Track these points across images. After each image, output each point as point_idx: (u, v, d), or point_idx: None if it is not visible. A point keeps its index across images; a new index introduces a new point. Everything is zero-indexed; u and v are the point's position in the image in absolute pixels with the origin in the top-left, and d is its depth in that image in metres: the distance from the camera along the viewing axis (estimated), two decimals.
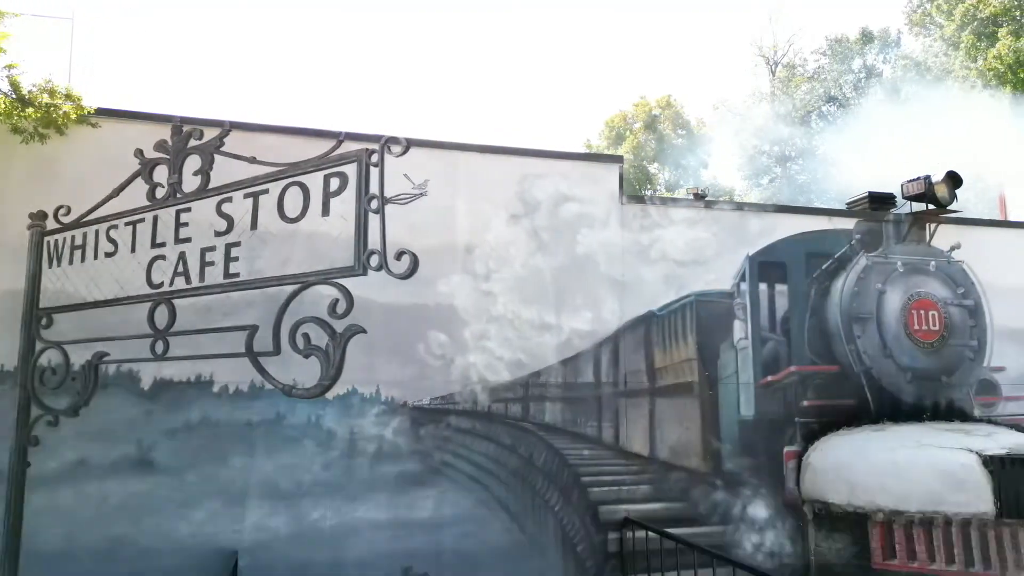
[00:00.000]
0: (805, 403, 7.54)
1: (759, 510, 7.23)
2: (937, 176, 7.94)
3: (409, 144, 6.78)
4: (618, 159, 7.42)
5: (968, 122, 12.54)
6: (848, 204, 8.71)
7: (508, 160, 7.09)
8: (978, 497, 6.52)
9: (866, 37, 36.16)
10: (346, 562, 6.15)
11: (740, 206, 7.83)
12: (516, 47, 50.64)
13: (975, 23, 25.41)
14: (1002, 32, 24.03)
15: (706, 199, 7.62)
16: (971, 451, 6.69)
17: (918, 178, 8.01)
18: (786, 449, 7.38)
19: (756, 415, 7.39)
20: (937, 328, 7.98)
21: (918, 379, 7.87)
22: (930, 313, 7.99)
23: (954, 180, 7.96)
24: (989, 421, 8.06)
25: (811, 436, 7.46)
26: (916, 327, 7.91)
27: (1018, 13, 24.28)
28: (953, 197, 7.97)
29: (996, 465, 6.53)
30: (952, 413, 7.96)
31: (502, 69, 49.44)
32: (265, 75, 46.02)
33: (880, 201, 8.39)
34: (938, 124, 12.90)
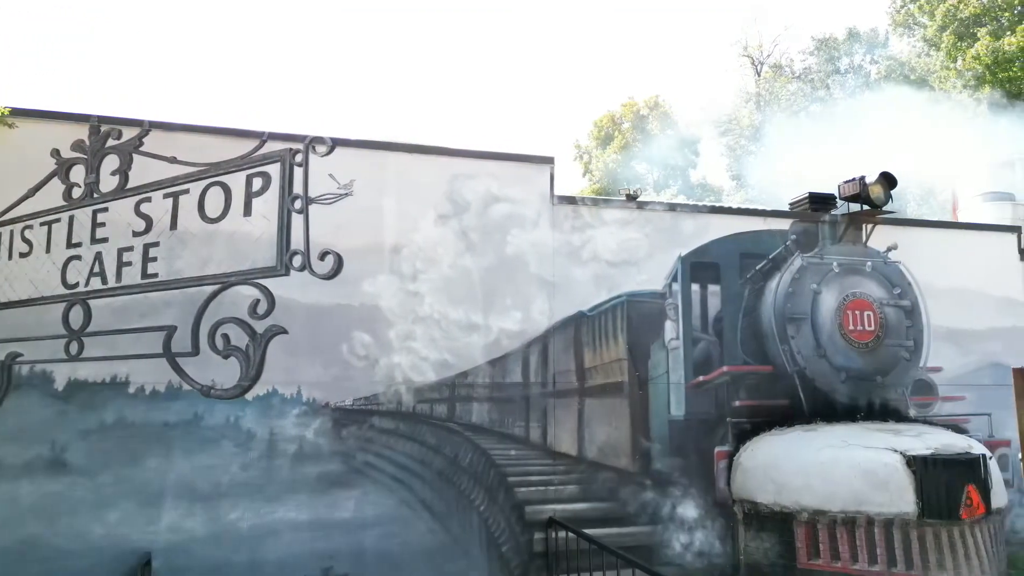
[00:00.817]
0: (737, 403, 7.56)
1: (689, 510, 7.25)
2: (872, 177, 7.97)
3: (335, 144, 6.77)
4: (549, 160, 7.41)
5: (931, 124, 12.60)
6: (791, 204, 8.74)
7: (437, 160, 7.08)
8: (900, 497, 6.56)
9: (853, 37, 36.33)
10: (265, 563, 6.13)
11: (673, 207, 7.84)
12: (507, 48, 50.62)
13: (956, 23, 25.53)
14: (981, 32, 24.15)
15: (638, 200, 7.62)
16: (895, 451, 6.72)
17: (853, 179, 8.04)
18: (717, 449, 7.40)
19: (687, 415, 7.40)
20: (872, 328, 8.01)
21: (852, 379, 7.90)
22: (865, 313, 8.03)
23: (888, 181, 7.99)
24: (925, 421, 8.11)
25: (743, 436, 7.48)
26: (851, 327, 7.94)
27: (998, 13, 24.39)
28: (888, 198, 8.00)
29: (919, 465, 6.56)
30: (887, 413, 8.00)
31: (492, 71, 49.41)
32: (227, 76, 45.85)
33: (821, 202, 8.41)
34: (901, 125, 12.98)
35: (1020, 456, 7.00)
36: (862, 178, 7.98)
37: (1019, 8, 23.89)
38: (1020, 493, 8.32)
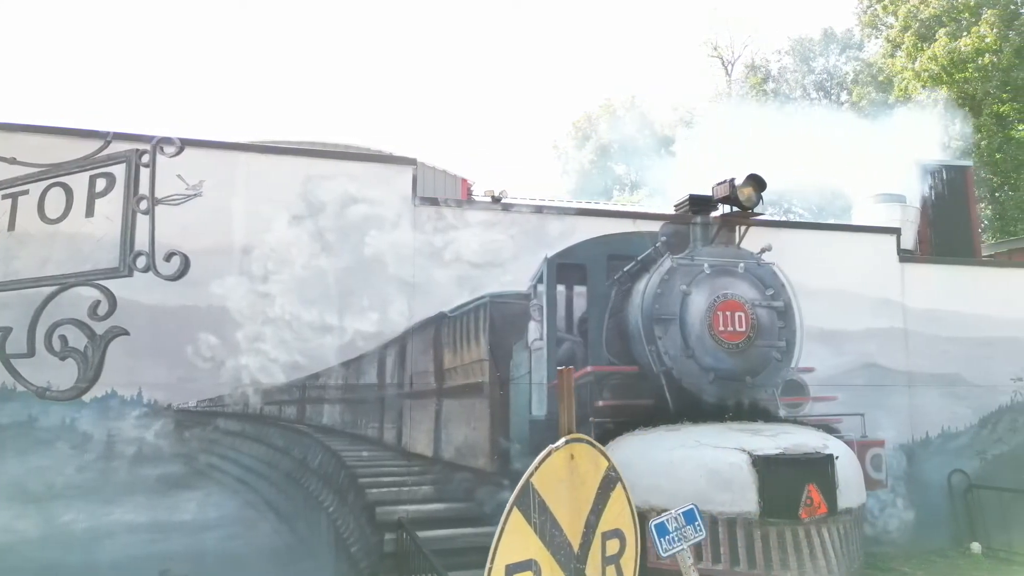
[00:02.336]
0: (601, 403, 7.61)
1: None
2: (742, 179, 8.04)
3: (184, 144, 6.75)
4: (411, 161, 7.43)
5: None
6: (675, 206, 8.79)
7: (292, 161, 7.08)
8: (743, 496, 6.61)
9: (828, 38, 36.58)
10: (100, 564, 6.11)
11: (540, 208, 7.87)
12: (488, 50, 50.61)
13: (917, 24, 25.75)
14: (940, 33, 24.37)
15: (503, 201, 7.65)
16: (743, 451, 6.78)
17: (724, 181, 8.10)
18: None
19: (548, 415, 7.43)
20: (743, 329, 8.06)
21: (721, 380, 7.96)
22: (736, 314, 8.08)
23: (758, 183, 8.05)
24: (795, 421, 8.19)
25: (606, 436, 7.51)
26: (721, 328, 8.00)
27: (958, 14, 24.57)
28: (758, 199, 8.06)
29: (761, 465, 6.62)
30: (756, 413, 8.07)
31: (473, 72, 49.35)
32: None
33: (701, 203, 8.47)
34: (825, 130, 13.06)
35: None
36: (732, 180, 8.04)
37: (979, 10, 24.05)
38: (893, 493, 8.42)
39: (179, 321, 6.55)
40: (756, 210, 8.15)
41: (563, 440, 3.02)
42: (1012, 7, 23.70)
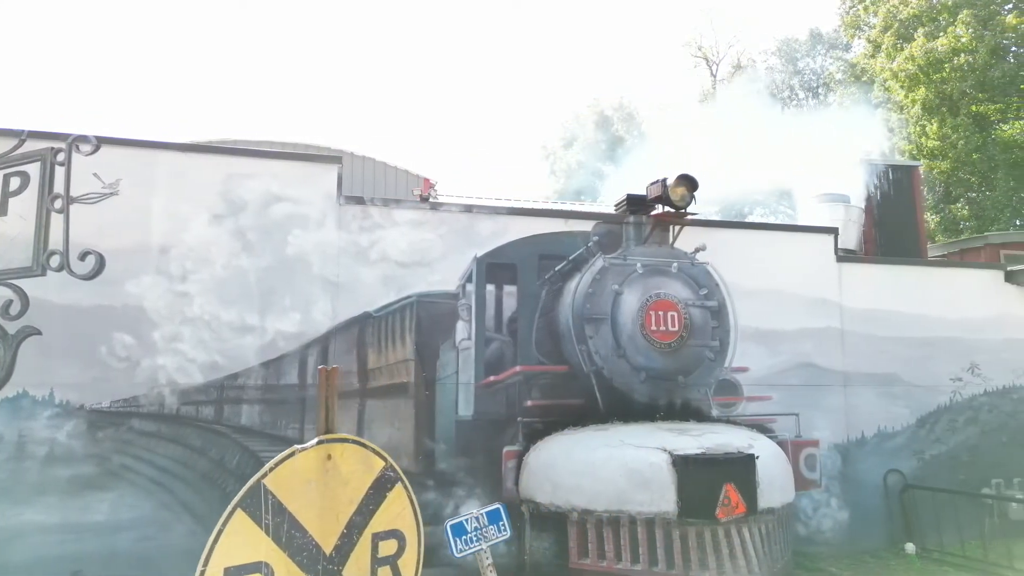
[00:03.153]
0: (529, 403, 7.58)
1: (472, 510, 7.21)
2: (674, 179, 8.02)
3: (100, 143, 6.71)
4: (336, 159, 7.40)
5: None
6: (615, 206, 8.78)
7: (213, 159, 7.04)
8: (661, 496, 6.59)
9: (815, 38, 36.64)
10: (9, 565, 6.06)
11: (469, 208, 7.84)
12: (477, 50, 50.56)
13: (896, 24, 25.79)
14: (918, 33, 24.40)
15: (431, 200, 7.62)
16: (664, 450, 6.76)
17: (657, 181, 8.08)
18: (506, 449, 7.41)
19: (475, 415, 7.41)
20: (676, 329, 8.05)
21: (653, 379, 7.94)
22: (669, 314, 8.07)
23: (689, 183, 8.03)
24: (728, 421, 8.18)
25: (534, 436, 7.50)
26: (654, 328, 7.98)
27: (936, 14, 24.59)
28: (690, 199, 8.04)
29: (680, 464, 6.61)
30: (688, 413, 8.06)
31: (464, 73, 49.28)
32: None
33: (638, 203, 8.46)
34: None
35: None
36: (664, 180, 8.02)
37: (957, 11, 24.05)
38: (828, 493, 8.42)
39: (93, 321, 6.50)
40: (689, 210, 8.12)
41: (315, 441, 2.98)
42: (992, 6, 23.72)
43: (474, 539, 4.09)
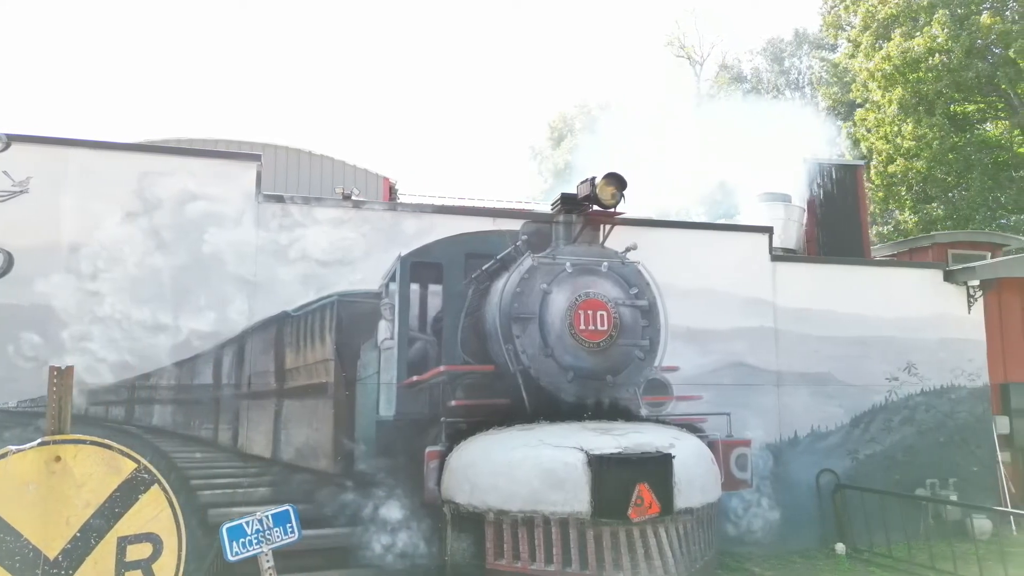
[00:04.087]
0: (453, 403, 7.53)
1: (393, 511, 7.20)
2: (602, 178, 7.97)
3: (11, 140, 6.63)
4: (255, 157, 7.33)
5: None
6: (552, 205, 8.73)
7: (128, 157, 6.97)
8: (575, 496, 6.54)
9: (800, 38, 36.71)
10: None
11: (394, 206, 7.79)
12: (464, 50, 50.50)
13: (875, 24, 25.83)
14: (895, 33, 24.44)
15: (354, 199, 7.56)
16: (580, 450, 6.71)
17: (586, 180, 8.04)
18: (428, 449, 7.35)
19: (397, 415, 7.36)
20: (605, 328, 7.99)
21: (581, 379, 7.88)
22: (599, 313, 8.01)
23: (618, 182, 7.99)
24: (658, 420, 8.15)
25: (458, 436, 7.44)
26: (582, 327, 7.93)
27: (914, 14, 24.61)
28: (618, 198, 7.99)
29: (595, 464, 6.56)
30: (617, 412, 8.01)
31: (451, 73, 49.20)
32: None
33: (573, 202, 8.40)
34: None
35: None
36: (592, 179, 7.98)
37: (934, 11, 24.06)
38: (759, 493, 8.39)
39: (1, 320, 6.42)
40: (619, 208, 8.08)
41: (36, 442, 2.89)
42: (972, 6, 23.75)
43: (253, 542, 4.00)
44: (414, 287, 7.62)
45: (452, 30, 48.96)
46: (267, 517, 4.12)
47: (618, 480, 6.56)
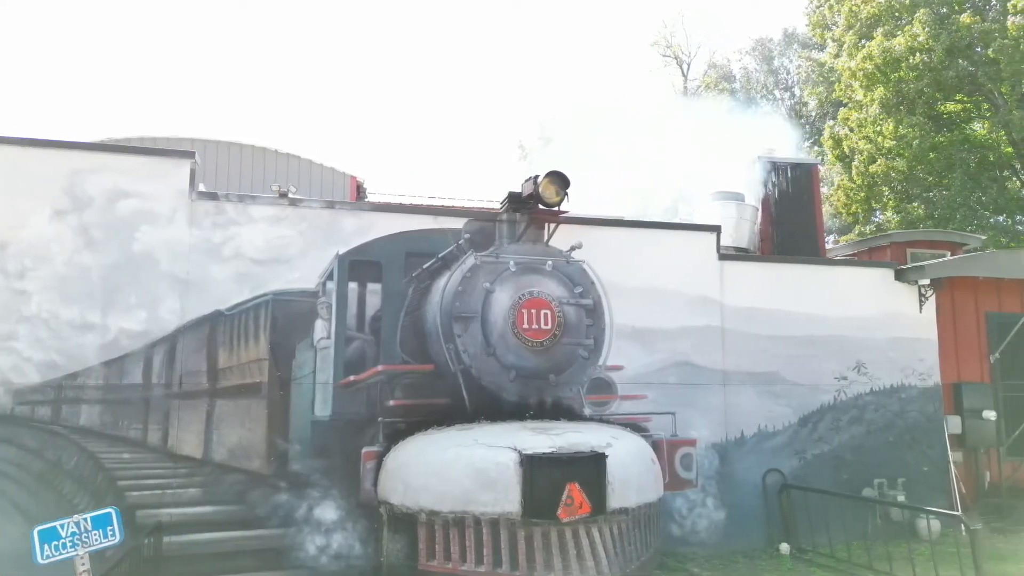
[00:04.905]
0: (392, 402, 7.47)
1: (328, 512, 7.13)
2: (545, 177, 7.91)
3: None
4: (189, 155, 7.26)
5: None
6: (500, 203, 8.67)
7: (57, 154, 6.90)
8: (506, 496, 6.49)
9: (789, 38, 36.72)
10: None
11: (332, 204, 7.72)
12: (452, 49, 50.38)
13: (858, 24, 25.82)
14: (877, 32, 24.43)
15: (290, 196, 7.50)
16: (513, 449, 6.66)
17: (530, 178, 7.99)
18: (365, 449, 7.28)
19: (333, 415, 7.30)
20: (549, 327, 7.93)
21: (524, 378, 7.81)
22: (542, 312, 7.94)
23: (561, 180, 7.93)
24: (601, 420, 8.10)
25: (396, 436, 7.37)
26: (525, 326, 7.86)
27: (897, 13, 24.60)
28: (560, 196, 7.93)
29: (527, 464, 6.51)
30: (560, 412, 7.96)
31: (438, 73, 49.05)
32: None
33: (519, 201, 8.35)
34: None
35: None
36: (535, 177, 7.92)
37: (916, 10, 24.02)
38: (704, 493, 8.35)
39: None
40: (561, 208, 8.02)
41: None
42: (955, 5, 23.73)
43: (68, 545, 3.93)
44: (352, 286, 7.56)
45: (431, 30, 48.90)
46: (85, 520, 4.07)
47: (549, 480, 6.51)
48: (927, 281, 9.24)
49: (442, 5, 47.69)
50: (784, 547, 8.17)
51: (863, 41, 25.36)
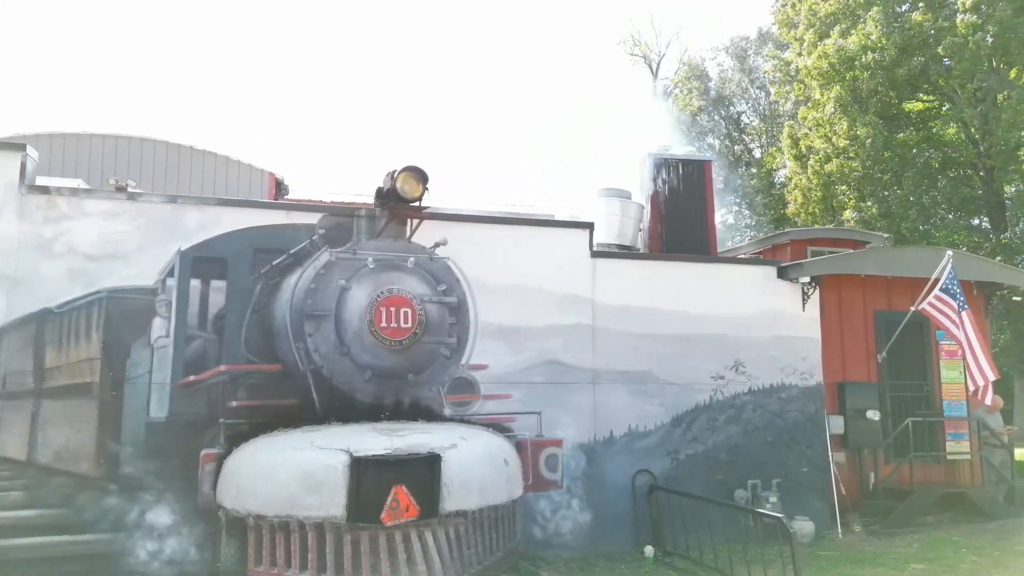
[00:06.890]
0: (234, 403, 7.24)
1: (162, 516, 6.90)
2: (402, 171, 7.72)
3: None
4: (20, 147, 7.00)
5: None
6: (374, 199, 8.46)
7: None
8: (332, 500, 6.31)
9: (764, 37, 36.72)
10: None
11: (174, 198, 7.48)
12: (437, 53, 49.94)
13: (817, 22, 25.80)
14: (834, 30, 24.42)
15: (129, 190, 7.26)
16: (345, 452, 6.47)
17: (389, 173, 7.79)
18: (204, 451, 7.05)
19: (170, 416, 7.07)
20: (409, 325, 7.75)
21: (380, 378, 7.64)
22: (402, 310, 7.76)
23: (419, 175, 7.75)
24: (462, 420, 7.93)
25: (239, 438, 7.14)
26: (383, 324, 7.68)
27: (856, 11, 24.56)
28: (419, 192, 7.75)
29: (355, 467, 6.33)
30: (418, 412, 7.78)
31: (423, 78, 48.53)
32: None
33: (382, 196, 8.14)
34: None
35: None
36: (392, 172, 7.73)
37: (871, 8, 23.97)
38: (569, 494, 8.19)
39: None
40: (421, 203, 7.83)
41: None
42: (905, 5, 23.74)
43: None
44: (195, 283, 7.33)
45: (408, 32, 48.51)
46: None
47: (376, 483, 6.34)
48: (807, 279, 9.13)
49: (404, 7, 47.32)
50: (648, 550, 8.01)
51: (822, 40, 25.41)
